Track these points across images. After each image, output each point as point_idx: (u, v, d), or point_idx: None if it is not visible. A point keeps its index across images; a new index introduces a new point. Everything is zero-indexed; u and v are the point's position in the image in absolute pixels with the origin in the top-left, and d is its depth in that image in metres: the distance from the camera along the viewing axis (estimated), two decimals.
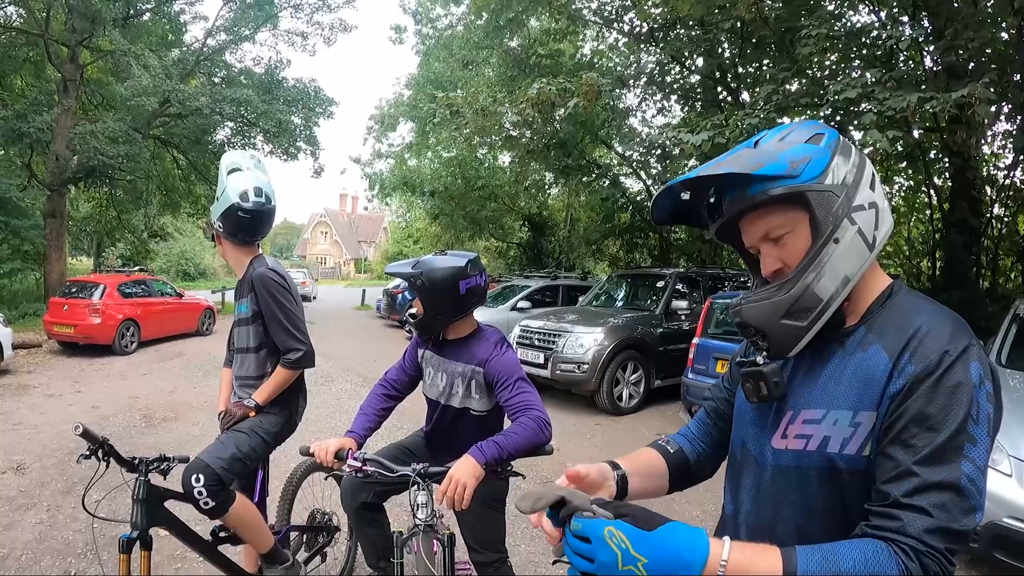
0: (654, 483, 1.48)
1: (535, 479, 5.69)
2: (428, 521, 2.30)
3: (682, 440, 1.57)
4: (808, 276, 1.16)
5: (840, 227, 1.15)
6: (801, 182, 1.16)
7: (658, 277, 10.61)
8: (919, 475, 1.01)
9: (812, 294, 1.16)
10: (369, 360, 12.58)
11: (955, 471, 1.00)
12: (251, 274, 3.04)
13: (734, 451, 1.40)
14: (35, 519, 4.71)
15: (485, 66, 19.38)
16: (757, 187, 1.18)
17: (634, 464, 1.44)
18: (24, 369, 10.99)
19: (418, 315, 2.69)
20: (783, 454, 1.23)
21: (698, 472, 1.55)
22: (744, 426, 1.37)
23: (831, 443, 1.14)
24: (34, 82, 20.21)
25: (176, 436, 6.99)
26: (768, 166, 1.15)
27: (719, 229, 1.34)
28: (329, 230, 73.62)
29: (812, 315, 1.16)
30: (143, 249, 28.24)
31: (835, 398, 1.16)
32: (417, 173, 24.03)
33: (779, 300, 1.18)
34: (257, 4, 21.28)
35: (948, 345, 1.07)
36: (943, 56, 8.83)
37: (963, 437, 1.02)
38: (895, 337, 1.13)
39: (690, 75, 15.45)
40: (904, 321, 1.15)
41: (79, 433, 2.34)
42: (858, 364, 1.16)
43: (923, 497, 1.00)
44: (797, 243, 1.20)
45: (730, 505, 1.40)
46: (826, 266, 1.15)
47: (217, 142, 21.73)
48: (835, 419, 1.15)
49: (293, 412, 3.16)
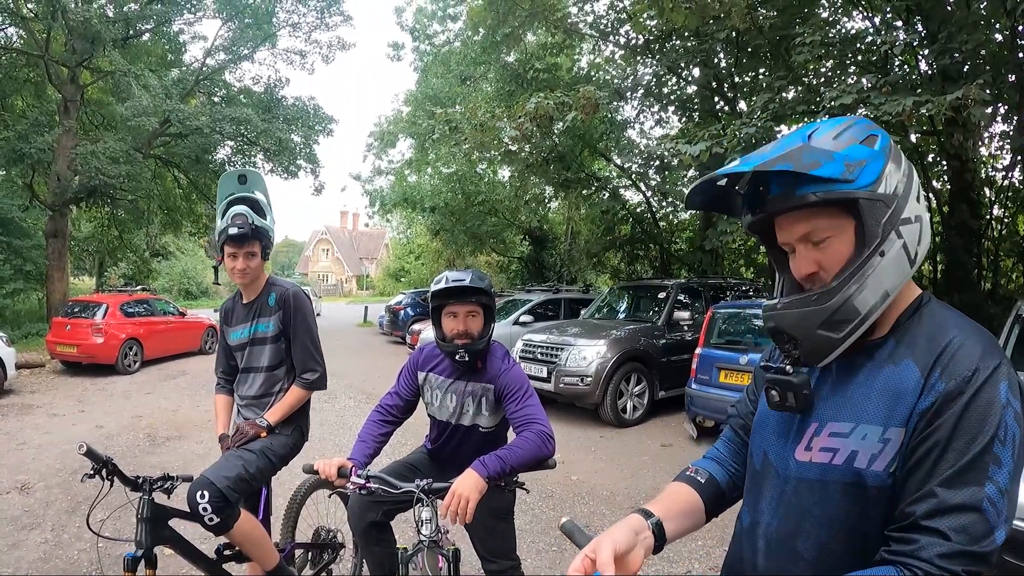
0: (691, 521, 1.40)
1: (540, 493, 5.68)
2: (433, 537, 2.30)
3: (712, 465, 1.50)
4: (850, 288, 1.11)
5: (887, 240, 1.10)
6: (855, 188, 1.09)
7: (660, 288, 10.60)
8: (940, 497, 1.00)
9: (852, 306, 1.11)
10: (372, 377, 12.56)
11: (978, 493, 0.98)
12: (282, 293, 3.07)
13: (753, 461, 1.36)
14: (40, 539, 4.71)
15: (483, 81, 19.46)
16: (809, 187, 1.11)
17: (667, 506, 1.35)
18: (27, 389, 10.99)
19: (475, 336, 2.61)
20: (807, 467, 1.19)
21: (732, 495, 1.48)
22: (766, 435, 1.32)
23: (859, 458, 1.11)
24: (35, 103, 20.34)
25: (180, 455, 6.99)
26: (825, 167, 1.08)
27: (750, 227, 1.29)
28: (330, 247, 73.73)
29: (849, 327, 1.12)
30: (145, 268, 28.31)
31: (864, 412, 1.13)
32: (417, 189, 24.09)
33: (818, 310, 1.13)
34: (255, 23, 21.42)
35: (979, 363, 1.04)
36: (938, 59, 8.88)
37: (988, 458, 0.99)
38: (926, 351, 1.10)
39: (687, 86, 15.53)
40: (935, 335, 1.11)
41: (83, 452, 2.35)
42: (888, 378, 1.12)
43: (942, 519, 0.98)
44: (839, 249, 1.14)
45: (748, 517, 1.35)
46: (869, 279, 1.10)
47: (218, 161, 21.81)
48: (864, 434, 1.11)
49: (302, 433, 3.18)
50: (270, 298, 3.08)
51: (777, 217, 1.20)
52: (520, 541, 3.08)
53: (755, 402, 1.45)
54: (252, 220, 2.90)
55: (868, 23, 11.38)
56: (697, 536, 4.63)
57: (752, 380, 1.53)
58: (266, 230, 3.00)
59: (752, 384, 1.51)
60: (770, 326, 1.21)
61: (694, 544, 4.60)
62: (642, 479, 6.34)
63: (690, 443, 7.76)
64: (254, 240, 2.95)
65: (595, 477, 6.37)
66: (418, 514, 2.30)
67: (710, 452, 1.55)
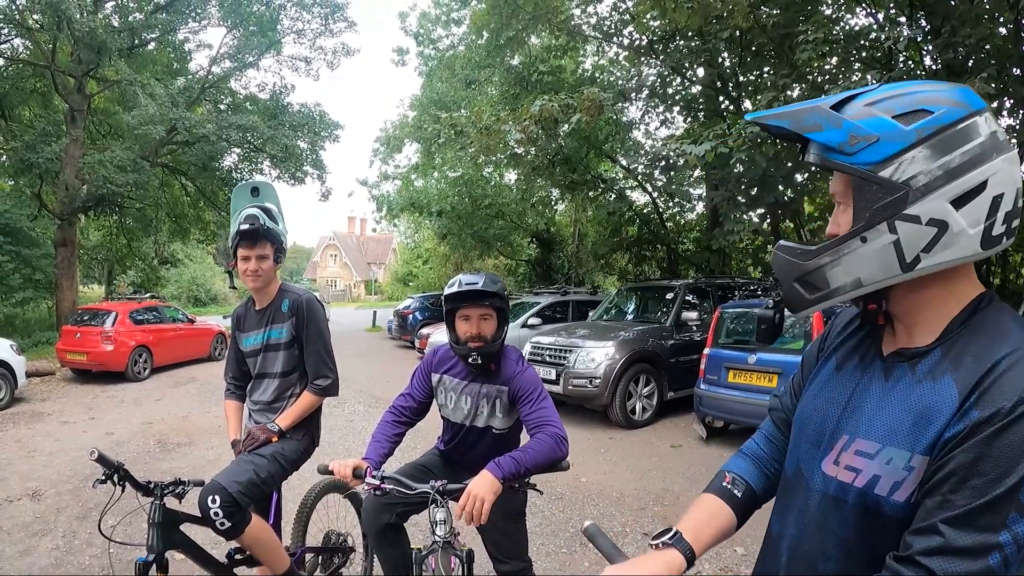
0: (723, 535, 1.34)
1: (550, 495, 5.67)
2: (447, 538, 2.30)
3: (749, 470, 1.42)
4: (824, 258, 1.07)
5: (873, 229, 1.02)
6: (851, 163, 1.02)
7: (667, 289, 10.60)
8: (944, 535, 0.90)
9: (823, 276, 1.08)
10: (382, 381, 12.57)
11: (989, 540, 0.87)
12: (296, 300, 3.10)
13: (787, 468, 1.28)
14: (51, 544, 4.73)
15: (487, 85, 19.49)
16: (818, 152, 1.07)
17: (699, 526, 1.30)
18: (38, 397, 11.05)
19: (488, 339, 2.63)
20: (831, 482, 1.11)
21: (765, 498, 1.41)
22: (801, 443, 1.23)
23: (880, 484, 1.02)
24: (42, 113, 20.49)
25: (190, 461, 7.01)
26: (825, 133, 1.04)
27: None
28: (338, 253, 73.84)
29: (819, 294, 1.09)
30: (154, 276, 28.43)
31: (893, 433, 1.03)
32: (424, 193, 24.11)
33: (797, 264, 1.11)
34: (260, 31, 21.51)
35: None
36: (942, 54, 8.85)
37: (1011, 504, 0.87)
38: (971, 369, 0.97)
39: (691, 86, 15.50)
40: (985, 350, 0.98)
41: (94, 458, 2.36)
42: (924, 396, 1.01)
43: (939, 561, 0.90)
44: (845, 218, 1.08)
45: (776, 526, 1.27)
46: (843, 258, 1.05)
47: (224, 168, 21.91)
48: (889, 457, 1.02)
49: (313, 439, 3.19)
50: (283, 304, 3.10)
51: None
52: (531, 543, 3.08)
53: (799, 394, 1.35)
54: (263, 221, 2.92)
55: (871, 19, 11.35)
56: None
57: (802, 365, 1.41)
58: (278, 233, 3.02)
59: (799, 372, 1.40)
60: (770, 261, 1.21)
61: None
62: (652, 480, 6.32)
63: (700, 444, 7.74)
64: (265, 241, 2.97)
65: (605, 479, 6.35)
66: (433, 515, 2.30)
67: (748, 447, 1.47)
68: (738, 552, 4.42)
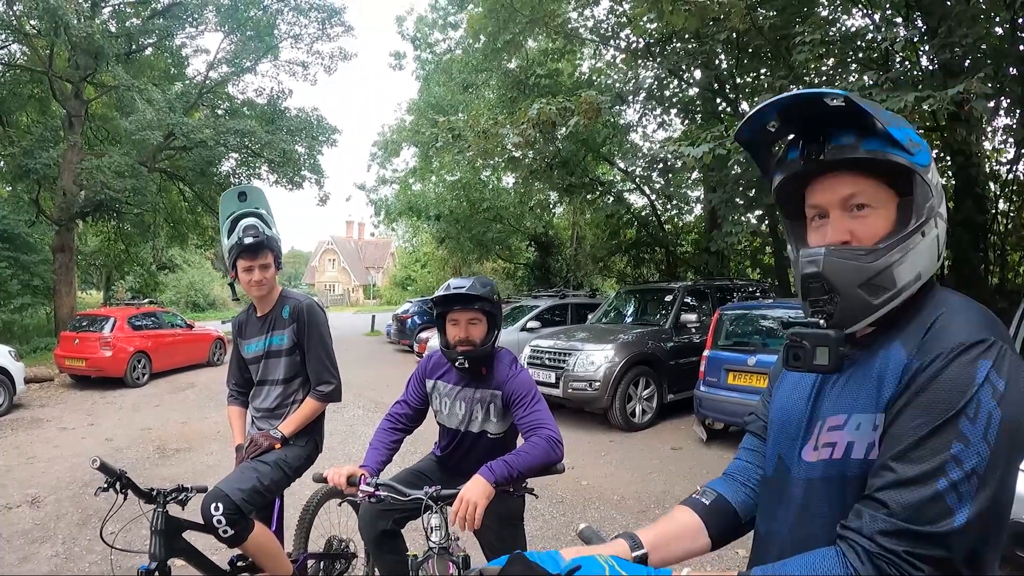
0: (686, 544, 1.33)
1: (550, 499, 5.67)
2: (443, 544, 2.30)
3: (724, 485, 1.42)
4: (894, 255, 1.07)
5: (929, 224, 1.09)
6: (915, 163, 1.08)
7: (666, 291, 10.60)
8: (894, 470, 0.96)
9: (891, 275, 1.07)
10: (381, 386, 12.56)
11: (933, 469, 0.93)
12: (296, 306, 3.09)
13: (767, 470, 1.32)
14: (51, 551, 4.72)
15: (485, 88, 19.51)
16: (875, 144, 1.08)
17: (658, 533, 1.31)
18: (37, 403, 11.04)
19: (477, 343, 2.63)
20: (813, 466, 1.15)
21: (750, 513, 1.39)
22: (781, 440, 1.27)
23: (855, 449, 1.07)
24: (39, 118, 20.43)
25: (190, 466, 7.00)
26: (895, 129, 1.06)
27: (780, 186, 1.23)
28: (336, 257, 73.84)
29: (884, 296, 1.08)
30: (152, 281, 28.36)
31: (856, 401, 1.09)
32: (422, 197, 24.14)
33: (863, 266, 1.07)
34: (257, 36, 21.48)
35: (962, 339, 0.99)
36: (938, 54, 8.87)
37: (950, 434, 0.94)
38: (914, 332, 1.06)
39: (688, 88, 15.54)
40: (927, 316, 1.08)
41: (96, 467, 2.36)
42: (878, 363, 1.09)
43: (891, 493, 0.95)
44: (877, 222, 1.11)
45: (763, 526, 1.30)
46: (909, 254, 1.07)
47: (223, 173, 21.84)
48: (858, 423, 1.08)
49: (316, 445, 3.19)
50: (284, 311, 3.10)
51: (819, 179, 1.16)
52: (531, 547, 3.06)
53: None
54: (263, 230, 2.92)
55: (868, 20, 11.38)
56: None
57: (771, 376, 1.45)
58: (276, 240, 3.03)
59: (768, 385, 1.45)
60: (810, 271, 1.11)
61: None
62: (652, 483, 6.32)
63: (700, 446, 7.74)
64: (267, 250, 2.97)
65: (605, 482, 6.35)
66: (427, 521, 2.29)
67: (730, 467, 1.47)
68: (740, 554, 4.41)
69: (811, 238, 1.20)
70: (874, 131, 1.08)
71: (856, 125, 1.09)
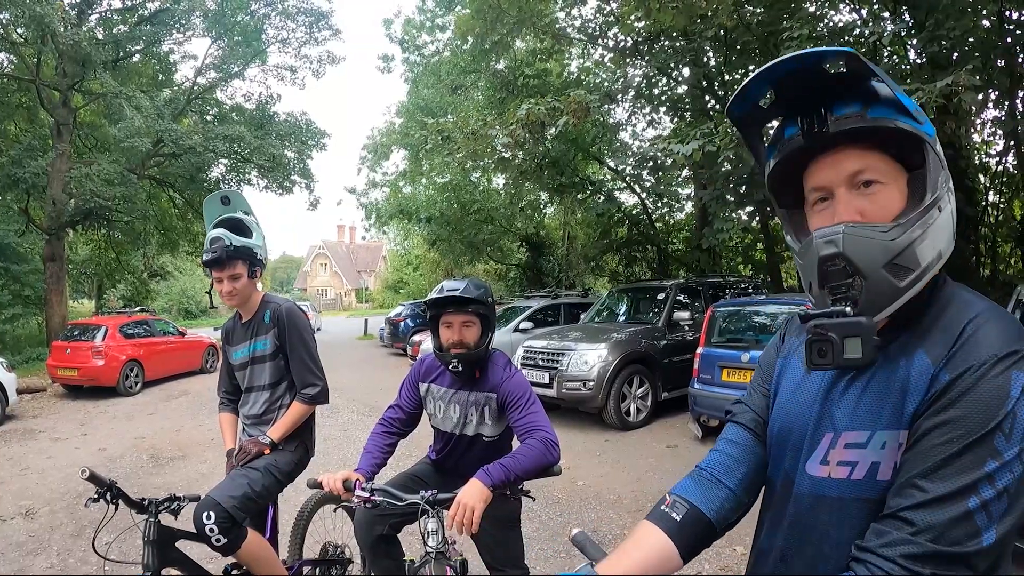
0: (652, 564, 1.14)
1: (546, 499, 5.66)
2: (439, 548, 2.28)
3: (699, 488, 1.23)
4: (915, 231, 0.97)
5: (943, 198, 1.00)
6: (923, 131, 1.00)
7: (659, 289, 10.60)
8: (922, 488, 0.89)
9: (914, 254, 0.97)
10: (375, 390, 12.54)
11: (965, 487, 0.86)
12: (275, 310, 3.07)
13: (773, 480, 1.21)
14: (46, 563, 4.69)
15: (474, 90, 19.52)
16: (882, 111, 0.99)
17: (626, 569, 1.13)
18: (29, 414, 10.97)
19: (471, 345, 2.61)
20: (826, 484, 1.06)
21: (729, 519, 1.22)
22: (786, 452, 1.17)
23: (881, 470, 0.99)
24: (28, 127, 20.34)
25: (184, 475, 6.96)
26: (902, 97, 0.98)
27: (776, 169, 1.13)
28: (328, 262, 73.73)
29: (909, 278, 0.98)
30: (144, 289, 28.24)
31: (879, 417, 1.00)
32: (412, 200, 24.11)
33: (887, 244, 0.97)
34: (245, 41, 21.46)
35: (995, 350, 0.91)
36: (926, 47, 8.90)
37: (984, 451, 0.86)
38: (940, 341, 0.97)
39: (677, 86, 15.56)
40: (952, 321, 0.99)
41: (86, 477, 2.34)
42: (899, 374, 1.00)
43: (919, 513, 0.88)
44: (889, 198, 1.02)
45: (765, 541, 1.21)
46: (930, 230, 0.98)
47: (212, 179, 21.77)
48: (882, 442, 0.99)
49: (307, 449, 3.17)
50: (265, 315, 3.08)
51: (821, 157, 1.06)
52: (528, 549, 3.07)
53: (770, 396, 1.27)
54: (229, 242, 2.88)
55: (855, 15, 11.41)
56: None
57: (760, 369, 1.34)
58: (248, 248, 2.97)
59: (759, 372, 1.34)
60: (829, 252, 0.99)
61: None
62: (648, 482, 6.32)
63: (695, 443, 7.74)
64: (234, 261, 2.93)
65: (601, 481, 6.35)
66: (424, 526, 2.28)
67: (706, 460, 1.29)
68: (738, 551, 4.41)
69: (814, 222, 1.08)
70: (879, 98, 1.00)
71: (859, 92, 1.01)
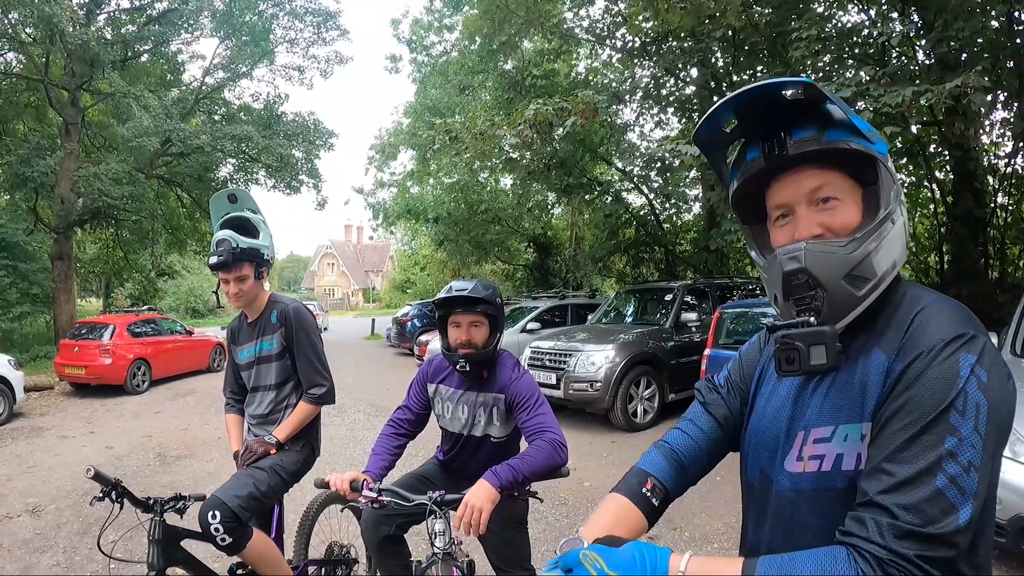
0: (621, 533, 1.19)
1: (553, 500, 5.64)
2: (447, 549, 2.28)
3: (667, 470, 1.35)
4: (870, 244, 1.06)
5: (896, 212, 1.08)
6: (876, 151, 1.08)
7: (666, 291, 10.57)
8: (889, 472, 0.94)
9: (870, 264, 1.06)
10: (382, 390, 12.54)
11: (929, 466, 0.92)
12: (282, 310, 3.07)
13: (752, 480, 1.28)
14: (52, 561, 4.69)
15: (481, 90, 19.52)
16: (837, 134, 1.08)
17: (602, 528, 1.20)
18: (37, 412, 11.00)
19: (479, 345, 2.60)
20: (802, 478, 1.13)
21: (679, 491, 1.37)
22: (761, 452, 1.25)
23: (845, 461, 1.06)
24: (36, 127, 20.43)
25: (191, 473, 6.96)
26: (855, 119, 1.06)
27: (739, 189, 1.21)
28: (336, 261, 73.90)
29: (866, 288, 1.06)
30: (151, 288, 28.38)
31: (840, 411, 1.08)
32: (420, 200, 24.13)
33: (844, 257, 1.06)
34: (253, 41, 21.51)
35: (943, 335, 0.99)
36: (935, 48, 8.87)
37: (942, 429, 0.93)
38: (894, 336, 1.05)
39: (685, 86, 15.53)
40: (903, 317, 1.06)
41: (90, 476, 2.34)
42: (858, 371, 1.07)
43: (891, 496, 0.93)
44: (847, 213, 1.10)
45: (753, 539, 1.29)
46: (884, 242, 1.07)
47: (220, 179, 21.82)
48: (845, 434, 1.07)
49: (312, 449, 3.16)
50: (272, 315, 3.08)
51: (779, 177, 1.14)
52: (534, 550, 3.05)
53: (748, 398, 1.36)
54: (235, 244, 2.87)
55: (864, 16, 11.38)
56: (702, 526, 4.60)
57: (741, 363, 1.44)
58: (255, 249, 2.96)
59: (739, 366, 1.44)
60: (792, 267, 1.09)
61: (702, 531, 4.56)
62: None
63: None
64: (241, 263, 2.92)
65: (608, 483, 6.26)
66: (431, 526, 2.28)
67: (673, 436, 1.43)
68: None
69: (777, 237, 1.18)
70: (834, 121, 1.08)
71: (816, 117, 1.09)
